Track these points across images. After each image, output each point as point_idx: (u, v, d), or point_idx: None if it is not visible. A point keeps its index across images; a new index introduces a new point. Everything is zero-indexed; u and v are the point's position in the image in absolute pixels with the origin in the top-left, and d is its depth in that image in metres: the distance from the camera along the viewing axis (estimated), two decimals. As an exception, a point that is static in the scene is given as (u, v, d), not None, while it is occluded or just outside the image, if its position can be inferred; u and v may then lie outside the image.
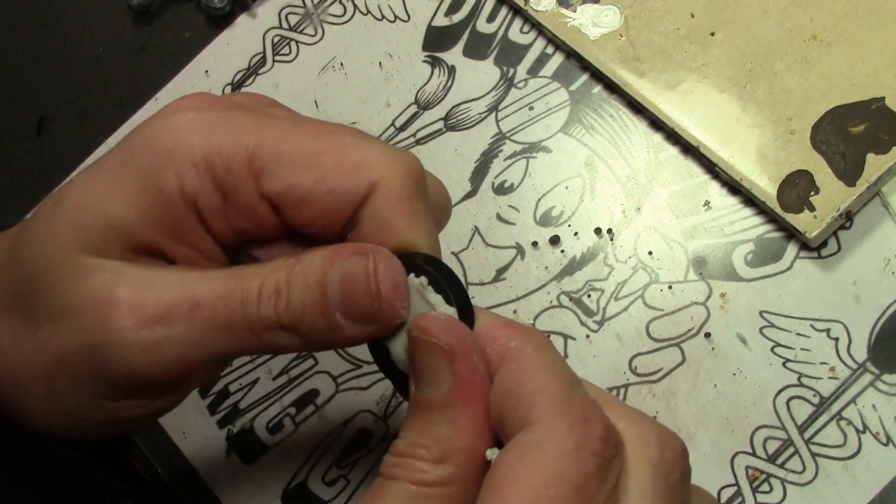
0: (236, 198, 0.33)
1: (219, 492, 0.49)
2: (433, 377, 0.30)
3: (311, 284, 0.32)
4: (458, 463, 0.29)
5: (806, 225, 0.46)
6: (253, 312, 0.32)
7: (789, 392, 0.45)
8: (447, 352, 0.29)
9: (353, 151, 0.33)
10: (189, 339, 0.32)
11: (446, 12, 0.56)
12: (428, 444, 0.29)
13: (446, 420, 0.29)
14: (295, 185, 0.32)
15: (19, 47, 0.62)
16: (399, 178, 0.33)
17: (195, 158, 0.32)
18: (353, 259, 0.32)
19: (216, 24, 0.59)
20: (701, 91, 0.49)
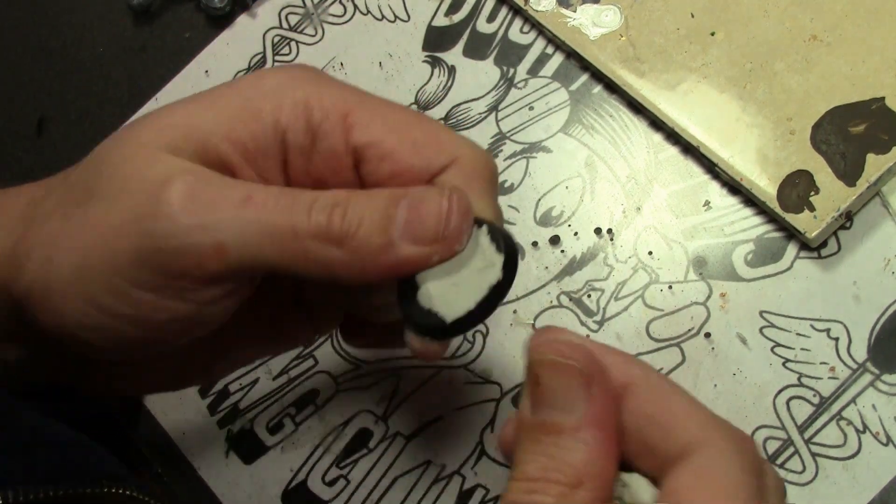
0: (324, 143, 0.34)
1: (219, 492, 0.49)
2: (565, 401, 0.29)
3: (376, 200, 0.33)
4: (592, 488, 0.29)
5: (806, 225, 0.46)
6: (303, 218, 0.32)
7: (789, 392, 0.45)
8: (585, 375, 0.30)
9: (439, 131, 0.35)
10: (232, 229, 0.32)
11: (446, 12, 0.56)
12: (562, 468, 0.29)
13: (579, 445, 0.29)
14: (383, 139, 0.34)
15: (19, 47, 0.62)
16: (478, 161, 0.35)
17: (296, 99, 0.34)
18: (427, 187, 0.33)
19: (216, 24, 0.59)
20: (701, 91, 0.49)
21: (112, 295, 0.33)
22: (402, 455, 0.48)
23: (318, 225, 0.32)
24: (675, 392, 0.31)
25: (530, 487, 0.29)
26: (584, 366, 0.30)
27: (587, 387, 0.29)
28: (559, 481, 0.28)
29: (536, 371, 0.30)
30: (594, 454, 0.29)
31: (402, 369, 0.49)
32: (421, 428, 0.48)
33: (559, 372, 0.30)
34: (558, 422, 0.29)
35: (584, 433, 0.29)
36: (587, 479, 0.29)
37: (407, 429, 0.48)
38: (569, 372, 0.30)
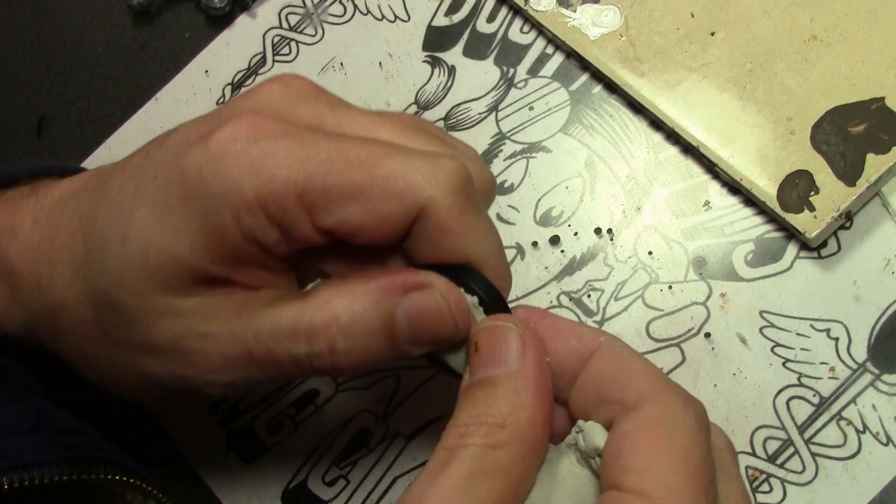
0: (294, 231, 0.34)
1: (219, 492, 0.49)
2: (500, 358, 0.32)
3: (375, 328, 0.34)
4: (519, 428, 0.30)
5: (806, 225, 0.46)
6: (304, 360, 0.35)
7: (789, 392, 0.45)
8: (517, 334, 0.32)
9: (398, 174, 0.34)
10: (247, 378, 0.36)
11: (446, 12, 0.56)
12: (491, 412, 0.31)
13: (508, 392, 0.31)
14: (346, 219, 0.34)
15: (19, 47, 0.62)
16: (445, 195, 0.34)
17: (248, 201, 0.33)
18: (416, 295, 0.34)
19: (216, 24, 0.59)
20: (701, 91, 0.49)
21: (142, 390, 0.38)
22: (402, 455, 0.48)
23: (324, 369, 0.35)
24: (634, 356, 0.33)
25: (461, 432, 0.31)
26: (518, 328, 0.33)
27: (522, 346, 0.32)
28: (487, 422, 0.30)
29: (475, 338, 0.33)
30: (522, 399, 0.31)
31: (402, 369, 0.49)
32: (421, 428, 0.48)
33: (496, 335, 0.33)
34: (492, 377, 0.32)
35: (514, 382, 0.31)
36: (513, 420, 0.31)
37: (407, 429, 0.48)
38: (502, 333, 0.33)
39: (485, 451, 0.30)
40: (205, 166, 0.34)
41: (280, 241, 0.35)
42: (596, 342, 0.34)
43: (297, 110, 0.36)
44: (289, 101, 0.36)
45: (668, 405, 0.31)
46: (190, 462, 0.50)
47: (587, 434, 0.32)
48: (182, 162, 0.34)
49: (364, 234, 0.34)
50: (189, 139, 0.35)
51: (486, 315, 0.35)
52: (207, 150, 0.34)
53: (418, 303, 0.34)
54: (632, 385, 0.32)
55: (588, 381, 0.33)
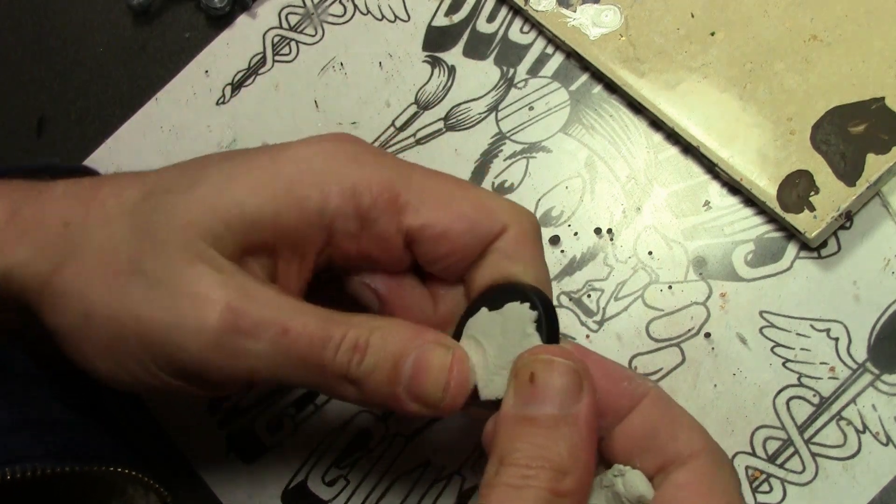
0: (375, 227, 0.36)
1: (219, 492, 0.49)
2: (561, 398, 0.32)
3: (387, 353, 0.35)
4: (579, 476, 0.31)
5: (806, 225, 0.46)
6: (330, 356, 0.34)
7: (789, 392, 0.45)
8: (579, 373, 0.32)
9: (488, 199, 0.37)
10: (265, 358, 0.34)
11: (446, 12, 0.56)
12: (553, 457, 0.31)
13: (569, 436, 0.32)
14: (437, 220, 0.36)
15: (19, 47, 0.62)
16: (525, 224, 0.37)
17: (344, 184, 0.35)
18: (433, 347, 0.35)
19: (216, 24, 0.59)
20: (701, 91, 0.49)
21: (142, 370, 0.36)
22: (402, 455, 0.48)
23: (340, 366, 0.34)
24: (681, 408, 0.35)
25: (523, 473, 0.31)
26: (577, 367, 0.33)
27: (579, 387, 0.32)
28: (551, 468, 0.31)
29: (532, 369, 0.33)
30: (581, 447, 0.32)
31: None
32: (421, 428, 0.48)
33: (554, 371, 0.32)
34: (549, 417, 0.32)
35: (575, 428, 0.32)
36: (574, 468, 0.31)
37: (407, 429, 0.48)
38: (564, 371, 0.32)
39: (550, 497, 0.31)
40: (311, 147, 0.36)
41: (356, 234, 0.36)
42: (646, 387, 0.35)
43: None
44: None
45: (718, 461, 0.34)
46: (190, 462, 0.50)
47: (629, 481, 0.33)
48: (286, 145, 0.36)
49: (448, 241, 0.36)
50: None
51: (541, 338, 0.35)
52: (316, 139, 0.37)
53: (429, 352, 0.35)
54: (684, 437, 0.34)
55: (635, 425, 0.34)
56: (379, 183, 0.36)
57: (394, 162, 0.37)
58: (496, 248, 0.37)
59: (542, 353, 0.33)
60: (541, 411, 0.32)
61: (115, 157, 0.57)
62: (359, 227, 0.36)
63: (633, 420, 0.34)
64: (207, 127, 0.56)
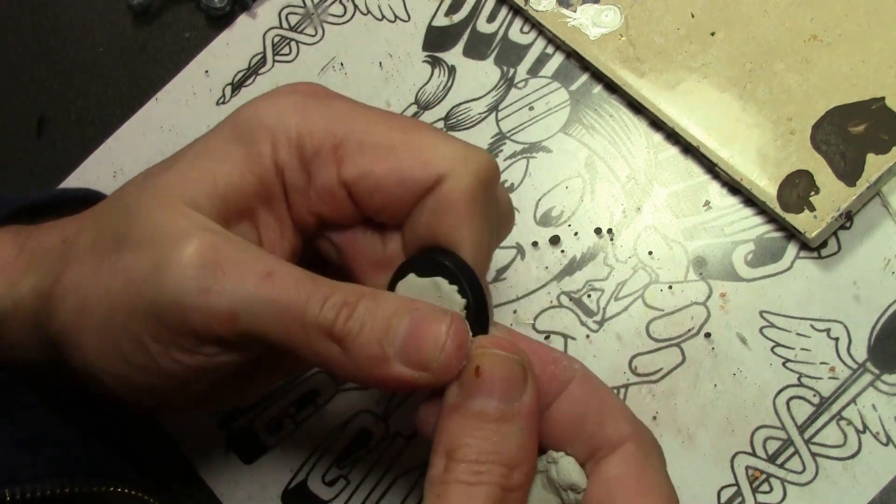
0: (318, 179, 0.35)
1: (219, 492, 0.49)
2: (508, 392, 0.32)
3: (378, 313, 0.33)
4: (526, 469, 0.32)
5: (806, 225, 0.46)
6: (314, 309, 0.33)
7: (789, 392, 0.45)
8: (524, 366, 0.32)
9: (431, 147, 0.35)
10: (246, 300, 0.33)
11: (446, 12, 0.56)
12: (503, 451, 0.31)
13: (517, 431, 0.32)
14: (370, 172, 0.35)
15: (19, 47, 0.62)
16: (466, 176, 0.34)
17: (289, 134, 0.35)
18: (431, 311, 0.33)
19: (216, 24, 0.59)
20: (701, 91, 0.49)
21: (131, 342, 0.35)
22: (402, 455, 0.48)
23: (325, 320, 0.33)
24: (608, 390, 0.35)
25: (474, 469, 0.31)
26: (522, 360, 0.33)
27: (524, 380, 0.32)
28: (501, 463, 0.31)
29: (477, 362, 0.32)
30: (527, 440, 0.32)
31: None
32: (421, 428, 0.48)
33: (501, 364, 0.32)
34: (497, 410, 0.32)
35: (521, 422, 0.32)
36: (522, 461, 0.32)
37: (407, 429, 0.48)
38: (510, 365, 0.32)
39: (502, 493, 0.31)
40: (262, 103, 0.36)
41: (304, 187, 0.36)
42: (572, 370, 0.34)
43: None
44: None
45: (647, 447, 0.34)
46: (190, 462, 0.50)
47: (562, 468, 0.33)
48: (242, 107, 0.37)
49: (381, 193, 0.35)
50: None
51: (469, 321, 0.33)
52: (267, 95, 0.37)
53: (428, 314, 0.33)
54: (613, 423, 0.34)
55: (564, 410, 0.34)
56: (321, 131, 0.35)
57: (342, 110, 0.36)
58: (429, 204, 0.34)
59: (488, 345, 0.33)
60: (488, 406, 0.32)
61: (115, 157, 0.57)
62: (306, 179, 0.36)
63: (562, 404, 0.34)
64: (207, 127, 0.56)
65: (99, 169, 0.57)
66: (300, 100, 0.36)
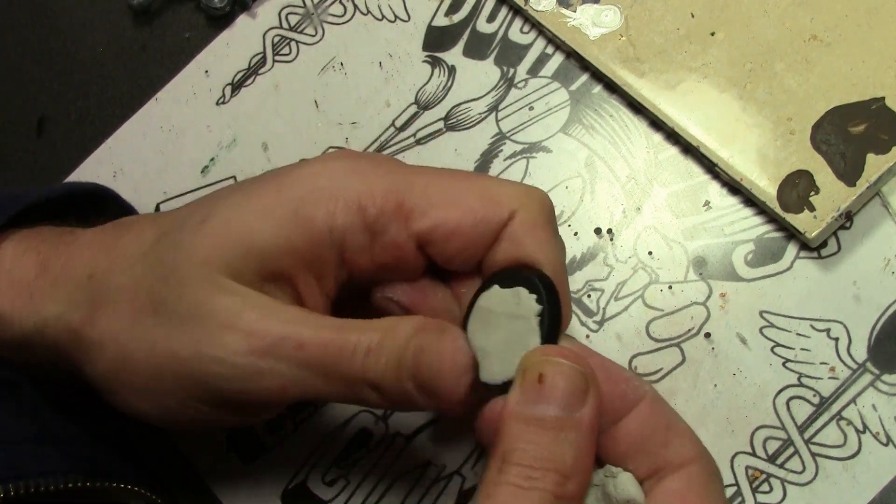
0: (385, 237, 0.36)
1: (219, 492, 0.49)
2: (568, 401, 0.32)
3: (394, 350, 0.35)
4: (580, 480, 0.32)
5: (806, 225, 0.46)
6: (346, 365, 0.35)
7: (789, 392, 0.45)
8: (587, 378, 0.33)
9: (494, 188, 0.37)
10: (290, 375, 0.35)
11: (446, 12, 0.56)
12: (558, 460, 0.31)
13: (574, 440, 0.32)
14: (444, 220, 0.36)
15: (19, 47, 0.62)
16: (534, 208, 0.37)
17: (348, 199, 0.35)
18: (429, 334, 0.35)
19: (216, 24, 0.59)
20: (701, 91, 0.49)
21: (180, 405, 0.36)
22: (402, 455, 0.48)
23: (357, 372, 0.35)
24: (677, 414, 0.36)
25: (528, 474, 0.31)
26: (585, 371, 0.33)
27: (586, 391, 0.32)
28: (556, 471, 0.31)
29: (540, 369, 0.33)
30: (585, 452, 0.32)
31: (402, 369, 0.49)
32: (421, 428, 0.48)
33: (563, 373, 0.32)
34: (556, 419, 0.32)
35: (580, 432, 0.32)
36: (577, 472, 0.32)
37: (407, 429, 0.48)
38: (572, 375, 0.32)
39: (554, 501, 0.31)
40: (314, 166, 0.36)
41: (367, 246, 0.36)
42: (643, 391, 0.35)
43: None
44: None
45: (710, 471, 0.34)
46: (190, 462, 0.50)
47: (620, 483, 0.33)
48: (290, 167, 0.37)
49: (458, 237, 0.36)
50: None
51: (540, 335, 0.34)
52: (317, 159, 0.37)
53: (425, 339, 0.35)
54: (678, 444, 0.34)
55: (631, 428, 0.35)
56: (382, 192, 0.36)
57: (395, 168, 0.37)
58: (506, 235, 0.37)
59: (553, 354, 0.33)
60: (547, 413, 0.32)
61: (115, 157, 0.57)
62: (369, 239, 0.36)
63: (629, 423, 0.35)
64: (207, 127, 0.56)
65: (99, 169, 0.57)
66: (352, 163, 0.37)
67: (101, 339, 0.37)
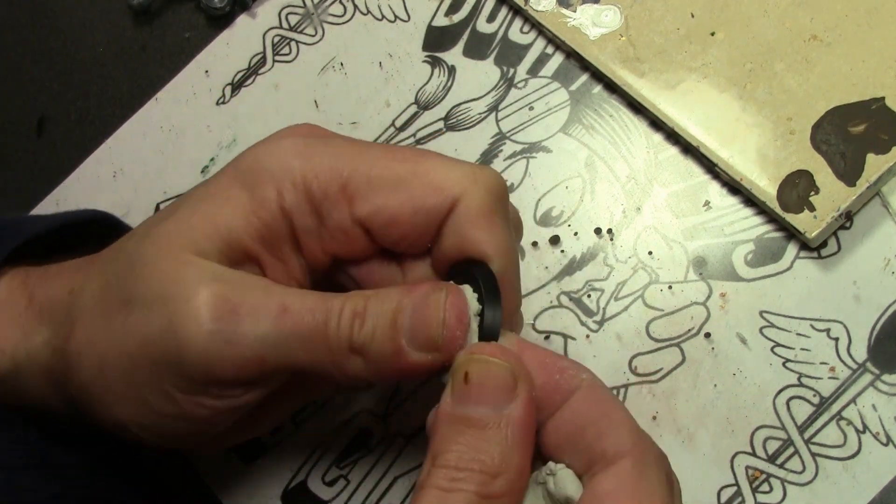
0: (330, 220, 0.36)
1: (219, 492, 0.49)
2: (492, 398, 0.32)
3: (385, 311, 0.34)
4: (511, 478, 0.31)
5: (806, 225, 0.46)
6: (332, 330, 0.34)
7: (789, 392, 0.45)
8: (512, 376, 0.32)
9: (439, 172, 0.36)
10: (271, 340, 0.34)
11: (446, 12, 0.56)
12: (483, 459, 0.31)
13: (502, 438, 0.31)
14: (384, 206, 0.35)
15: (19, 47, 0.62)
16: (480, 193, 0.35)
17: (294, 179, 0.35)
18: (429, 289, 0.34)
19: (216, 24, 0.59)
20: (701, 91, 0.49)
21: (159, 396, 0.35)
22: (402, 455, 0.48)
23: (343, 337, 0.34)
24: (615, 402, 0.34)
25: (452, 475, 0.31)
26: (512, 367, 0.32)
27: (513, 388, 0.32)
28: (480, 471, 0.31)
29: (466, 368, 0.32)
30: (513, 448, 0.31)
31: (402, 369, 0.49)
32: (421, 428, 0.48)
33: (488, 371, 0.32)
34: (482, 417, 0.31)
35: (506, 429, 0.31)
36: (504, 470, 0.31)
37: (407, 429, 0.48)
38: (498, 372, 0.32)
39: (479, 501, 0.30)
40: (264, 147, 0.36)
41: (315, 229, 0.36)
42: (578, 380, 0.34)
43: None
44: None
45: (645, 463, 0.32)
46: (190, 462, 0.50)
47: (560, 481, 0.33)
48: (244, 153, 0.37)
49: (398, 225, 0.35)
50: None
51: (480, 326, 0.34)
52: (268, 139, 0.37)
53: (426, 295, 0.34)
54: (613, 436, 0.32)
55: (566, 420, 0.33)
56: (326, 172, 0.35)
57: (344, 147, 0.36)
58: (450, 225, 0.36)
59: (478, 352, 0.33)
60: (474, 412, 0.32)
61: (115, 157, 0.57)
62: (317, 221, 0.36)
63: (564, 414, 0.33)
64: (207, 127, 0.56)
65: (99, 169, 0.57)
66: (300, 142, 0.36)
67: (80, 350, 0.36)
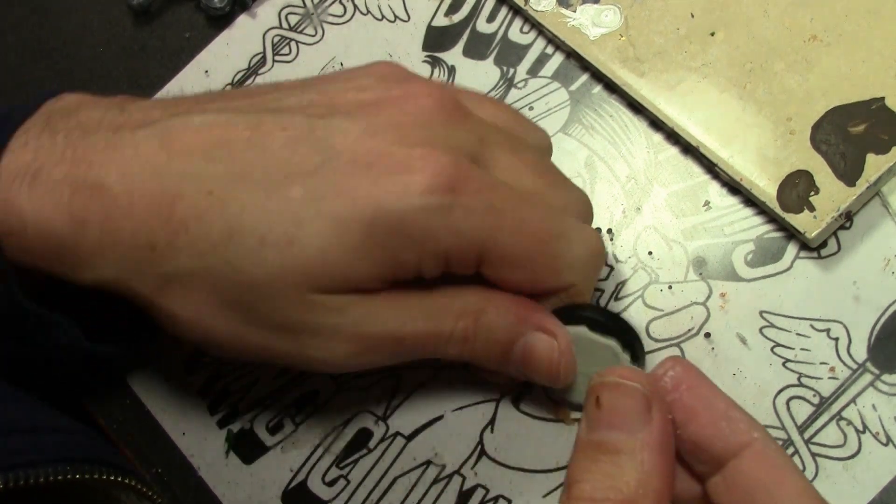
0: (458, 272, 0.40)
1: (219, 492, 0.49)
2: (624, 422, 0.31)
3: (495, 344, 0.40)
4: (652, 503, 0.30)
5: (806, 225, 0.46)
6: (442, 350, 0.40)
7: (789, 392, 0.45)
8: (645, 398, 0.31)
9: (562, 256, 0.39)
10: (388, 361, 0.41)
11: (446, 12, 0.56)
12: (619, 487, 0.30)
13: (637, 463, 0.30)
14: (508, 279, 0.40)
15: (19, 47, 0.62)
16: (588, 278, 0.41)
17: (437, 252, 0.38)
18: (539, 336, 0.39)
19: (216, 24, 0.59)
20: (701, 91, 0.49)
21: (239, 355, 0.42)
22: (402, 455, 0.48)
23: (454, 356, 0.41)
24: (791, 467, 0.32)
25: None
26: (645, 389, 0.31)
27: (647, 410, 0.31)
28: (616, 499, 0.29)
29: (597, 392, 0.32)
30: (650, 474, 0.30)
31: (402, 369, 0.49)
32: (421, 428, 0.48)
33: (620, 394, 0.31)
34: (616, 442, 0.30)
35: (641, 454, 0.30)
36: (642, 497, 0.30)
37: (407, 429, 0.48)
38: (630, 394, 0.31)
39: None
40: (408, 215, 0.37)
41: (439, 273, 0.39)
42: (749, 436, 0.32)
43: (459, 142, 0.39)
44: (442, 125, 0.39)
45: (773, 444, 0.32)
46: (190, 462, 0.50)
47: None
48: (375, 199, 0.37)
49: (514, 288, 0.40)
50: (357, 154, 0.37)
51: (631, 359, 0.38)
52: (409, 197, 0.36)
53: (536, 342, 0.39)
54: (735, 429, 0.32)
55: (736, 479, 0.31)
56: (469, 245, 0.38)
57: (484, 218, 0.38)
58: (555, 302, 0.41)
59: (609, 374, 0.32)
60: (608, 437, 0.31)
61: (115, 157, 0.57)
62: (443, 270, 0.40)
63: (734, 472, 0.31)
64: (207, 127, 0.56)
65: (99, 169, 0.57)
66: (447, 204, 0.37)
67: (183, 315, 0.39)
